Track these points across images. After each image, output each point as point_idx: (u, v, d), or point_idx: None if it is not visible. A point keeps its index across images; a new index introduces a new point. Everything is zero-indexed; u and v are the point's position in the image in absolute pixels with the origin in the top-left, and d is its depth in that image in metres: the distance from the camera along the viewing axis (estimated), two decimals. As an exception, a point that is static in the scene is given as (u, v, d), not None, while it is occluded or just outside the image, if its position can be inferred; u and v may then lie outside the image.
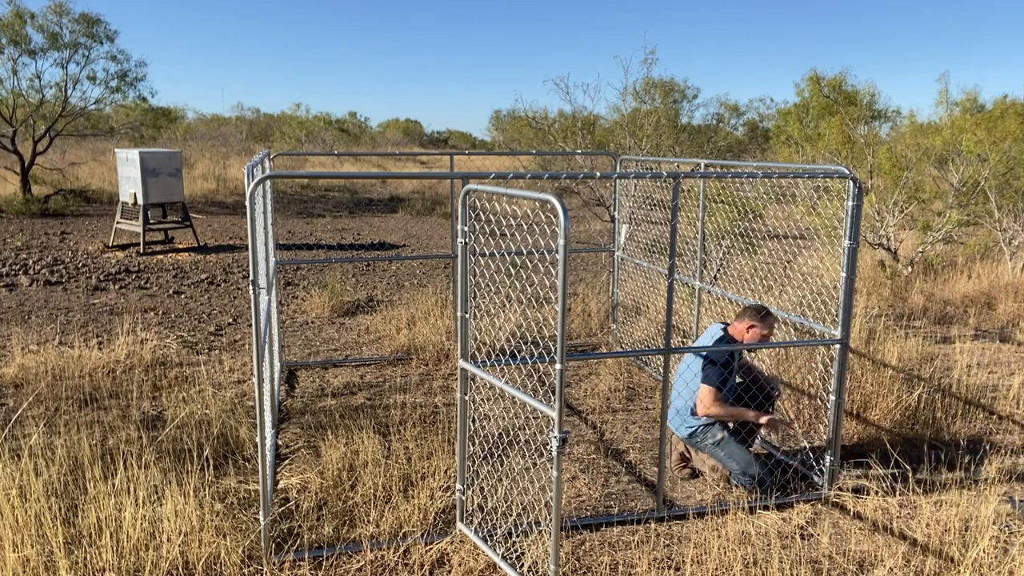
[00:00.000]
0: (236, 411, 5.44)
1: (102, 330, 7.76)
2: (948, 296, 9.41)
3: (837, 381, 4.39)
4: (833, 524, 4.16)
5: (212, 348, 7.21)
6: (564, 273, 3.05)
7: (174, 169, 12.78)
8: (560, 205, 3.02)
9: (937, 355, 7.19)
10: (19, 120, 16.91)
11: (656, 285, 6.74)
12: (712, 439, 4.53)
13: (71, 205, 17.07)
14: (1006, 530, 4.11)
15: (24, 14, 16.19)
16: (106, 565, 3.51)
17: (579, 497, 4.43)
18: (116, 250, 12.49)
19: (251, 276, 3.47)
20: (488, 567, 3.68)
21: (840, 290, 4.30)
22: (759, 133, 18.39)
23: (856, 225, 4.23)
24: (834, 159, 10.68)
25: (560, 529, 3.83)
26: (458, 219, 3.75)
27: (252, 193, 3.41)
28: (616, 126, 13.85)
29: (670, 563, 3.76)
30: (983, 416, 5.74)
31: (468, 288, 3.76)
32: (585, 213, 15.53)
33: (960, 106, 11.65)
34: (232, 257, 12.27)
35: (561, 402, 3.18)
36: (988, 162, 10.22)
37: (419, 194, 21.27)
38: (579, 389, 6.23)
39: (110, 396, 5.81)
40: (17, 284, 9.89)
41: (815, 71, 12.36)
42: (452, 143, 50.66)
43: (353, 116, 46.42)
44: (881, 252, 10.59)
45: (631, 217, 7.22)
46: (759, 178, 5.85)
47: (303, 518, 4.06)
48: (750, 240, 8.68)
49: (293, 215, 17.53)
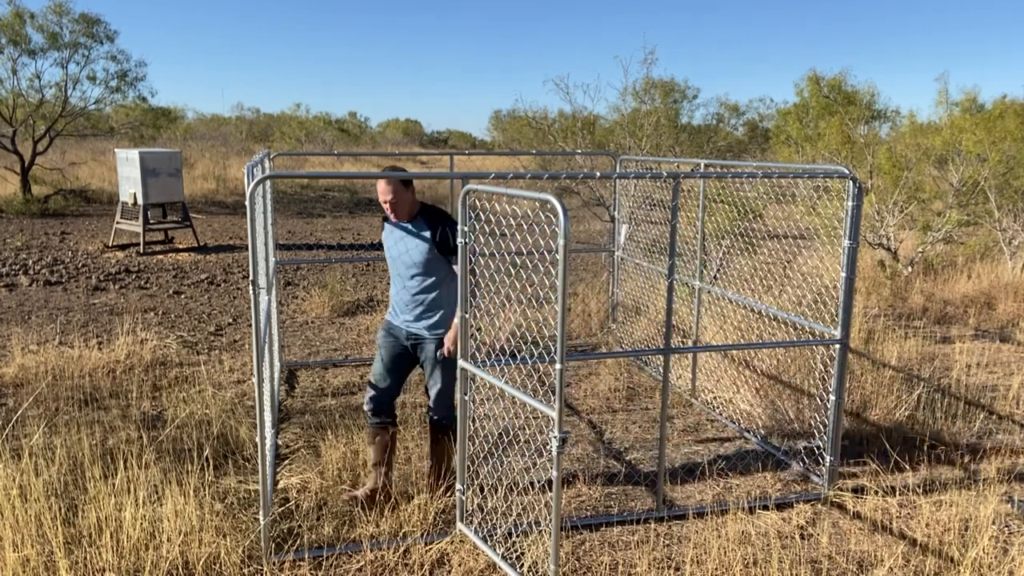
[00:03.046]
0: (236, 411, 5.44)
1: (102, 330, 7.76)
2: (948, 296, 9.41)
3: (837, 381, 4.39)
4: (833, 524, 4.16)
5: (212, 348, 7.21)
6: (564, 273, 3.05)
7: (174, 169, 12.78)
8: (560, 205, 3.02)
9: (937, 355, 7.19)
10: (19, 120, 16.91)
11: (656, 285, 6.73)
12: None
13: (71, 205, 17.07)
14: (1006, 530, 4.11)
15: (24, 14, 16.19)
16: (106, 565, 3.51)
17: (579, 497, 4.43)
18: (116, 250, 12.49)
19: (251, 276, 3.48)
20: (488, 567, 3.68)
21: (840, 290, 4.30)
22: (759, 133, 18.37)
23: (856, 225, 4.23)
24: (834, 159, 10.68)
25: (560, 529, 3.83)
26: (458, 219, 3.75)
27: (252, 193, 3.42)
28: (616, 126, 13.84)
29: (670, 563, 3.76)
30: (983, 416, 5.74)
31: (468, 288, 3.76)
32: (585, 213, 15.53)
33: (960, 106, 11.65)
34: (232, 257, 12.27)
35: (561, 402, 3.18)
36: (988, 162, 10.22)
37: (419, 194, 21.28)
38: (579, 389, 6.23)
39: (110, 396, 5.81)
40: (17, 284, 9.89)
41: (815, 71, 12.35)
42: (452, 143, 50.64)
43: (353, 116, 46.42)
44: (881, 252, 10.59)
45: (631, 217, 7.22)
46: (759, 178, 5.85)
47: (303, 518, 4.06)
48: (750, 240, 8.67)
49: (293, 215, 17.53)
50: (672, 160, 6.85)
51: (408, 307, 4.15)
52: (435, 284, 4.10)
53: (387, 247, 4.21)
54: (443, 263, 4.08)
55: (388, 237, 4.20)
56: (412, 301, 4.13)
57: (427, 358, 4.16)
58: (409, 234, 4.09)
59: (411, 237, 4.08)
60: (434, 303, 4.12)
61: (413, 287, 4.11)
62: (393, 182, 3.96)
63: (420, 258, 4.05)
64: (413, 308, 4.14)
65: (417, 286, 4.10)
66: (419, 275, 4.08)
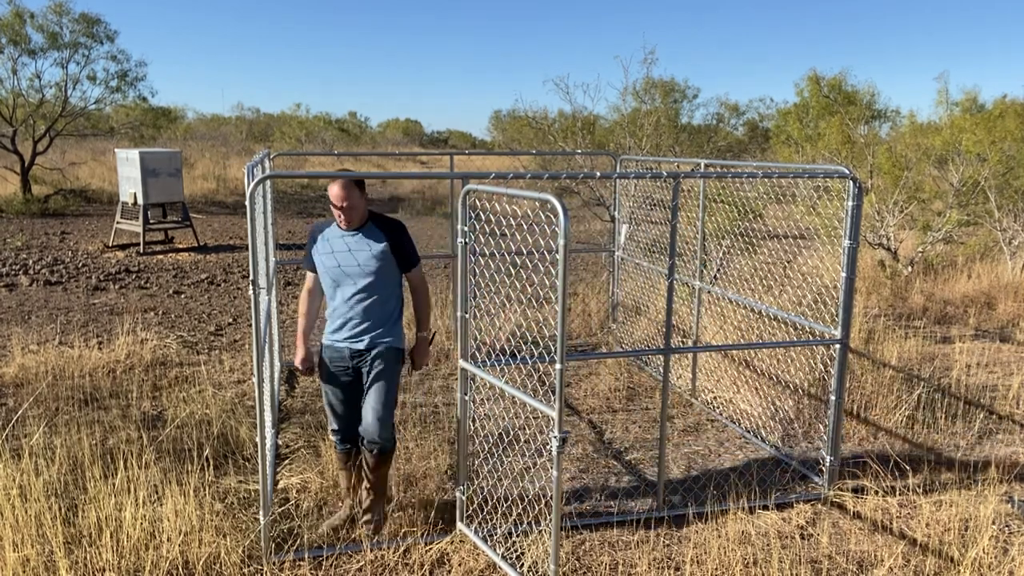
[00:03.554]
0: (236, 411, 5.44)
1: (102, 330, 7.76)
2: (948, 296, 9.40)
3: (837, 381, 4.39)
4: (833, 524, 4.16)
5: (212, 348, 7.21)
6: (564, 273, 3.05)
7: (174, 169, 12.78)
8: (560, 205, 3.03)
9: (937, 355, 7.19)
10: (19, 120, 16.91)
11: (656, 285, 6.73)
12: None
13: (71, 205, 17.07)
14: (1006, 530, 4.11)
15: (24, 14, 16.20)
16: (106, 565, 3.51)
17: (579, 497, 4.43)
18: (116, 250, 12.49)
19: (251, 276, 3.48)
20: (488, 567, 3.68)
21: (840, 290, 4.30)
22: (759, 133, 18.37)
23: (856, 225, 4.23)
24: (834, 159, 10.68)
25: (560, 529, 3.83)
26: (458, 219, 3.75)
27: (252, 193, 3.42)
28: (616, 126, 13.84)
29: (670, 563, 3.76)
30: (983, 416, 5.74)
31: (468, 288, 3.76)
32: (585, 213, 15.53)
33: (960, 106, 11.65)
34: (232, 257, 12.27)
35: (561, 402, 3.18)
36: (988, 162, 10.22)
37: (419, 194, 21.28)
38: (579, 389, 6.23)
39: (110, 396, 5.81)
40: (17, 284, 9.89)
41: (815, 71, 12.35)
42: (452, 143, 50.63)
43: (353, 116, 46.40)
44: (881, 252, 10.59)
45: (631, 217, 7.22)
46: (759, 178, 5.85)
47: (303, 518, 4.06)
48: (750, 240, 8.68)
49: (293, 215, 17.53)
50: (672, 160, 6.86)
51: (354, 322, 3.79)
52: (388, 294, 3.83)
53: (328, 258, 3.78)
54: (396, 272, 3.83)
55: (329, 247, 3.79)
56: (361, 313, 3.78)
57: (374, 372, 3.79)
58: (361, 242, 3.75)
59: (364, 245, 3.75)
60: (385, 314, 3.82)
61: (362, 298, 3.77)
62: (349, 186, 3.64)
63: (375, 266, 3.74)
64: (361, 322, 3.79)
65: (367, 297, 3.77)
66: (371, 284, 3.76)
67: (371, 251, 3.74)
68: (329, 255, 3.78)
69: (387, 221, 3.84)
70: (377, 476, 3.85)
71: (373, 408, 3.75)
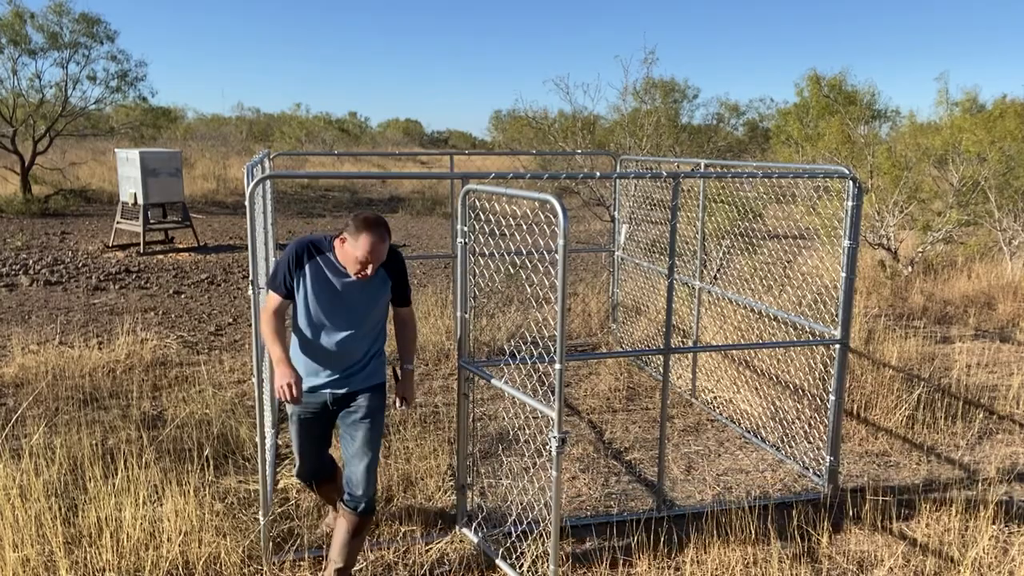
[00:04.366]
0: (236, 411, 5.44)
1: (102, 330, 7.76)
2: (948, 296, 9.41)
3: (837, 381, 4.39)
4: (833, 524, 4.16)
5: (212, 348, 7.21)
6: (564, 273, 3.06)
7: (174, 169, 12.78)
8: (560, 205, 3.03)
9: (937, 355, 7.19)
10: (19, 120, 16.91)
11: (656, 285, 6.74)
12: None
13: (71, 205, 17.07)
14: (1006, 530, 4.11)
15: (24, 14, 16.19)
16: (106, 565, 3.51)
17: (579, 497, 4.43)
18: (116, 250, 12.49)
19: (251, 276, 3.47)
20: (488, 567, 3.68)
21: (840, 290, 4.30)
22: (759, 133, 18.38)
23: (856, 225, 4.23)
24: (834, 159, 10.69)
25: (560, 529, 3.83)
26: (458, 219, 3.75)
27: (252, 193, 3.42)
28: (616, 126, 13.85)
29: (670, 563, 3.76)
30: (983, 416, 5.75)
31: (468, 288, 3.76)
32: (585, 213, 15.53)
33: (960, 106, 11.65)
34: (232, 257, 12.27)
35: (561, 402, 3.18)
36: (987, 162, 10.22)
37: (419, 194, 21.27)
38: (579, 389, 6.23)
39: (110, 396, 5.81)
40: (17, 284, 9.89)
41: (815, 71, 12.37)
42: (452, 143, 50.61)
43: (353, 116, 46.40)
44: (881, 252, 10.59)
45: (631, 217, 7.22)
46: (759, 178, 5.85)
47: (303, 518, 4.06)
48: (750, 240, 8.68)
49: (293, 215, 17.53)
50: (672, 160, 6.86)
51: (340, 365, 3.37)
52: (377, 332, 3.45)
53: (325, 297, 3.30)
54: (387, 307, 3.48)
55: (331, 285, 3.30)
56: (347, 356, 3.36)
57: (360, 416, 3.35)
58: (368, 285, 3.34)
59: (370, 287, 3.35)
60: (372, 353, 3.44)
61: (351, 340, 3.34)
62: (387, 239, 3.20)
63: (374, 307, 3.37)
64: (347, 366, 3.37)
65: (356, 338, 3.35)
66: (365, 325, 3.37)
67: (375, 292, 3.36)
68: (327, 294, 3.29)
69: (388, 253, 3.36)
70: (359, 540, 3.38)
71: (363, 460, 3.29)
